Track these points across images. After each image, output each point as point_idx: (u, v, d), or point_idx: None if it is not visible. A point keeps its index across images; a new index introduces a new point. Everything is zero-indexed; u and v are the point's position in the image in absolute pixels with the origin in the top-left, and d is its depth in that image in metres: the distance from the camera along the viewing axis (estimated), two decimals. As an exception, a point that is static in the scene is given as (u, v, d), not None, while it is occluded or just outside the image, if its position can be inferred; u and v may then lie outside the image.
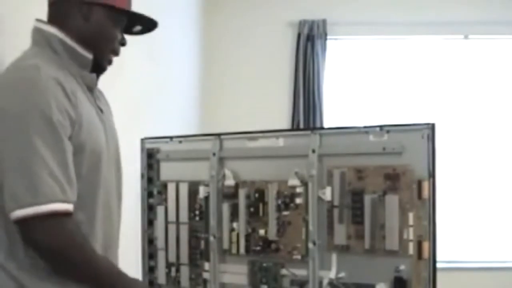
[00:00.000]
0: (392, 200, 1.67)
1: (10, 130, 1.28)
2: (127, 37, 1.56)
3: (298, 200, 1.80)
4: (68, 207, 1.30)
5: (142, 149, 2.08)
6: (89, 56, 1.45)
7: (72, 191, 1.32)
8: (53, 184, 1.27)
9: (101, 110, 1.51)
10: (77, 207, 1.35)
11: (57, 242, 1.29)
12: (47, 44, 1.42)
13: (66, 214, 1.30)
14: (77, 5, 1.44)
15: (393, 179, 1.67)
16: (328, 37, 4.37)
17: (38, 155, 1.26)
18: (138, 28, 1.59)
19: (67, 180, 1.30)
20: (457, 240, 4.34)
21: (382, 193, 1.69)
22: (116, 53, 1.52)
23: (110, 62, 1.52)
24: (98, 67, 1.51)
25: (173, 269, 2.02)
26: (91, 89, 1.49)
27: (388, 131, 1.69)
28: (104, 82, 1.58)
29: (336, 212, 1.75)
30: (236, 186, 1.91)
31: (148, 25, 1.59)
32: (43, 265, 1.32)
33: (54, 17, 1.46)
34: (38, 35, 1.44)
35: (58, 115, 1.30)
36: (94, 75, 1.49)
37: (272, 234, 1.85)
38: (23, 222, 1.27)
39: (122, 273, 1.42)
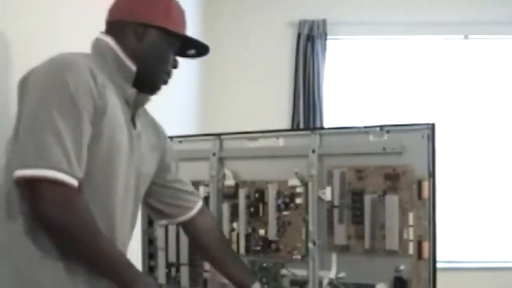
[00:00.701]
0: (392, 200, 1.67)
1: (35, 98, 1.29)
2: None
3: (298, 200, 1.81)
4: (73, 181, 1.28)
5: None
6: (133, 68, 1.47)
7: (80, 169, 1.30)
8: (60, 155, 1.26)
9: (134, 125, 1.51)
10: (89, 198, 1.34)
11: (61, 214, 1.27)
12: (99, 52, 1.46)
13: (71, 188, 1.28)
14: (133, 26, 1.47)
15: (393, 179, 1.68)
16: (328, 37, 4.37)
17: (53, 124, 1.26)
18: (192, 51, 1.63)
19: (77, 157, 1.29)
20: (457, 240, 4.34)
21: (382, 193, 1.69)
22: (169, 74, 1.55)
23: (165, 83, 1.56)
24: (151, 87, 1.54)
25: (173, 269, 2.02)
26: (129, 104, 1.49)
27: (388, 131, 1.70)
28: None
29: (336, 212, 1.75)
30: (236, 186, 1.91)
31: (200, 49, 1.63)
32: (41, 248, 1.30)
33: (110, 32, 1.49)
34: (96, 45, 1.48)
35: (83, 95, 1.31)
36: (134, 90, 1.49)
37: (272, 234, 1.85)
38: (26, 185, 1.26)
39: (129, 264, 1.38)
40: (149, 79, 1.51)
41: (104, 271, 1.36)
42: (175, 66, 1.57)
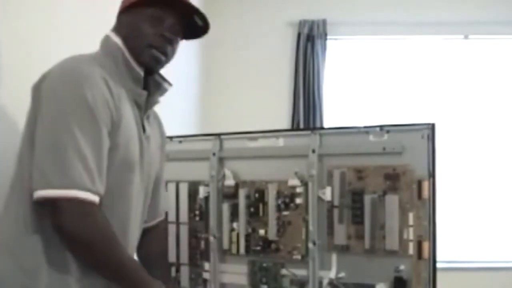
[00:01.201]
0: (392, 200, 1.67)
1: (53, 111, 1.28)
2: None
3: (298, 200, 1.81)
4: (94, 198, 1.29)
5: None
6: (141, 72, 1.45)
7: (101, 184, 1.31)
8: (83, 172, 1.26)
9: (144, 130, 1.50)
10: (106, 207, 1.34)
11: (82, 231, 1.28)
12: (110, 53, 1.45)
13: (92, 205, 1.29)
14: (123, 15, 1.48)
15: (393, 179, 1.68)
16: (328, 37, 4.37)
17: (74, 141, 1.26)
18: (199, 22, 1.56)
19: (98, 172, 1.30)
20: (457, 240, 4.34)
21: (382, 193, 1.69)
22: (154, 46, 1.45)
23: (154, 59, 1.46)
24: (149, 74, 1.50)
25: (173, 269, 2.02)
26: (140, 106, 1.48)
27: (388, 131, 1.70)
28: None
29: (336, 212, 1.75)
30: (236, 186, 1.91)
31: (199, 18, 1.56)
32: (46, 249, 1.31)
33: (116, 28, 1.49)
34: (105, 42, 1.47)
35: (101, 109, 1.31)
36: (144, 92, 1.48)
37: (272, 234, 1.85)
38: (48, 203, 1.26)
39: (142, 270, 1.40)
40: (138, 59, 1.45)
41: (118, 279, 1.37)
42: (162, 35, 1.46)
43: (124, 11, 1.48)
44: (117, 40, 1.45)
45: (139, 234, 1.57)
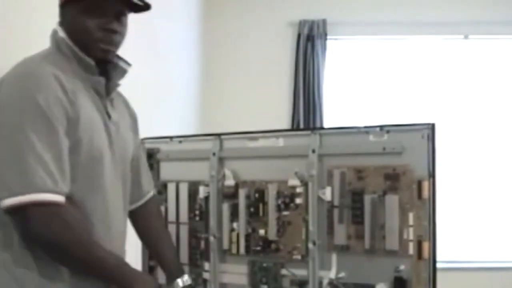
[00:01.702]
0: (392, 200, 1.67)
1: (6, 122, 1.30)
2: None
3: (298, 200, 1.80)
4: (59, 198, 1.30)
5: (142, 149, 2.08)
6: (91, 61, 1.46)
7: (65, 184, 1.32)
8: (44, 176, 1.28)
9: (109, 116, 1.50)
10: (80, 203, 1.36)
11: (51, 232, 1.29)
12: (59, 48, 1.45)
13: (58, 205, 1.30)
14: (62, 8, 1.47)
15: (393, 179, 1.67)
16: (328, 37, 4.37)
17: (31, 147, 1.27)
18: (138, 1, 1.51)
19: (60, 173, 1.31)
20: (457, 240, 4.34)
21: (382, 193, 1.69)
22: (103, 41, 1.45)
23: (103, 51, 1.46)
24: (110, 67, 1.51)
25: (173, 269, 2.02)
26: (100, 93, 1.49)
27: (388, 131, 1.69)
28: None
29: (336, 212, 1.75)
30: (236, 186, 1.91)
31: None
32: (37, 258, 1.33)
33: (61, 21, 1.48)
34: (53, 38, 1.47)
35: (54, 109, 1.31)
36: (101, 78, 1.48)
37: (272, 234, 1.85)
38: (15, 212, 1.27)
39: (124, 265, 1.42)
40: (91, 53, 1.45)
41: (102, 277, 1.39)
42: (105, 28, 1.44)
43: (64, 4, 1.46)
44: (62, 34, 1.45)
45: (125, 219, 1.59)
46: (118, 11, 1.47)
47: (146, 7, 1.54)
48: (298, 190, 1.81)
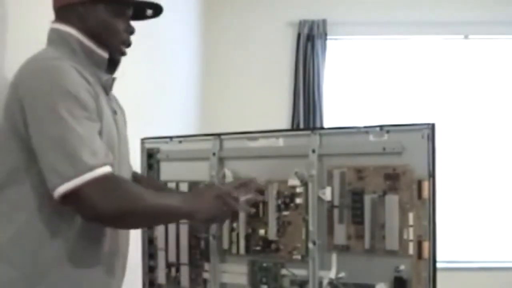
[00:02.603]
0: (392, 200, 1.67)
1: (42, 115, 1.30)
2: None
3: (298, 200, 1.80)
4: (107, 169, 1.32)
5: (142, 149, 2.08)
6: (105, 55, 1.48)
7: (106, 156, 1.34)
8: (91, 153, 1.29)
9: (115, 112, 1.54)
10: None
11: (119, 203, 1.32)
12: (65, 44, 1.45)
13: (107, 177, 1.31)
14: (80, 6, 1.46)
15: (393, 179, 1.67)
16: (328, 37, 4.38)
17: (71, 131, 1.28)
18: (150, 12, 1.61)
19: (101, 146, 1.34)
20: (457, 240, 4.35)
21: (382, 193, 1.69)
22: (126, 43, 1.54)
23: (123, 53, 1.55)
24: (112, 64, 1.54)
25: (173, 269, 2.02)
26: (105, 90, 1.51)
27: (388, 131, 1.69)
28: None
29: (336, 212, 1.75)
30: (236, 186, 1.91)
31: (155, 9, 1.62)
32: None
33: (62, 19, 1.48)
34: (55, 35, 1.47)
35: (85, 96, 1.35)
36: (110, 76, 1.52)
37: (272, 234, 1.85)
38: (72, 197, 1.27)
39: (186, 195, 1.56)
40: (112, 54, 1.51)
41: (167, 220, 1.57)
42: (131, 32, 1.55)
43: (78, 3, 1.46)
44: (69, 29, 1.45)
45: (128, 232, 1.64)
46: (130, 16, 1.56)
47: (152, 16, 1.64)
48: (298, 190, 1.80)
